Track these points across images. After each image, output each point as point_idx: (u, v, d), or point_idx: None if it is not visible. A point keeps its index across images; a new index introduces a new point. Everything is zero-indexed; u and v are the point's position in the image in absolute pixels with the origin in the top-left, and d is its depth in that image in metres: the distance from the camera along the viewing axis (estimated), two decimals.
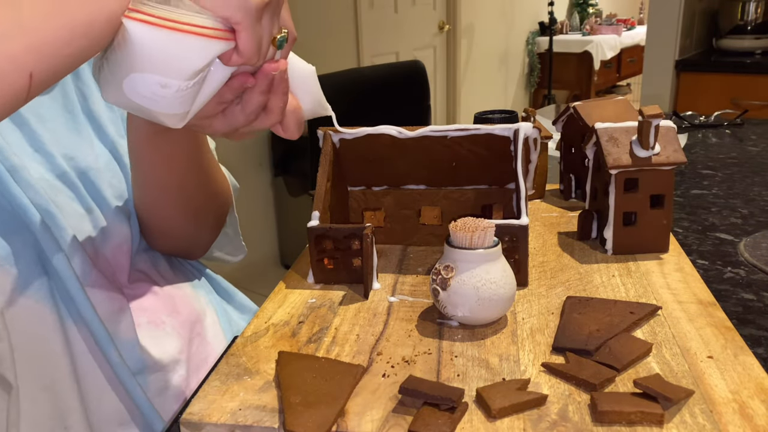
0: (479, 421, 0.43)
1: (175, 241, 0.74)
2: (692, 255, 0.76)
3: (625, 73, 5.66)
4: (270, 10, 0.44)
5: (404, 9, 3.48)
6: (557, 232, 0.76)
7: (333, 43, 3.00)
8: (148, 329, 0.66)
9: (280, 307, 0.61)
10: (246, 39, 0.43)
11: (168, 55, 0.42)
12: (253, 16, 0.43)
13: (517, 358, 0.50)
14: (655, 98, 2.53)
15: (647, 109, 0.64)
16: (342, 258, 0.64)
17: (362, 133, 0.69)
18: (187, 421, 0.45)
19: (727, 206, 0.94)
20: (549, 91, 4.76)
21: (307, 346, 0.54)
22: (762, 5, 2.57)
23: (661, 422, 0.41)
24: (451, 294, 0.53)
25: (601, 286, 0.61)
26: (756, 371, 0.47)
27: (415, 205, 0.73)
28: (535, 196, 0.87)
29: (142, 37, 0.41)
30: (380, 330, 0.55)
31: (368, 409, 0.44)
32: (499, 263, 0.53)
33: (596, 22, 5.42)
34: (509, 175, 0.69)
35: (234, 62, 0.45)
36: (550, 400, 0.44)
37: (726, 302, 0.65)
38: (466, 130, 0.67)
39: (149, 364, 0.64)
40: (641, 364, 0.48)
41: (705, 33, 2.76)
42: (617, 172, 0.65)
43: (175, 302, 0.70)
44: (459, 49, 3.99)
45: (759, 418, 0.42)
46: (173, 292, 0.71)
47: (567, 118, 0.85)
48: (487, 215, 0.72)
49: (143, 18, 0.41)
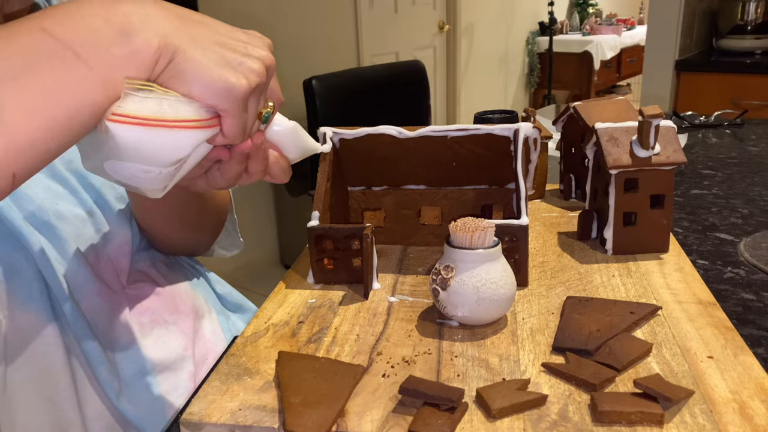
0: (479, 421, 0.43)
1: (176, 247, 0.75)
2: (692, 255, 0.76)
3: (625, 73, 5.66)
4: (257, 92, 0.44)
5: (404, 9, 3.48)
6: (557, 232, 0.76)
7: (333, 43, 3.00)
8: (151, 329, 0.66)
9: (280, 307, 0.61)
10: (231, 125, 0.44)
11: (152, 149, 0.42)
12: (240, 104, 0.43)
13: (517, 358, 0.50)
14: (655, 98, 2.53)
15: (647, 109, 0.64)
16: (342, 258, 0.64)
17: (362, 133, 0.69)
18: (187, 421, 0.45)
19: (727, 206, 0.94)
20: (549, 91, 4.76)
21: (307, 346, 0.54)
22: (762, 5, 2.57)
23: (661, 422, 0.41)
24: (451, 294, 0.53)
25: (601, 286, 0.61)
26: (756, 371, 0.47)
27: (415, 205, 0.73)
28: (535, 196, 0.87)
29: (126, 136, 0.40)
30: (380, 330, 0.55)
31: (368, 409, 0.44)
32: (499, 263, 0.53)
33: (596, 22, 5.42)
34: (509, 175, 0.69)
35: (218, 143, 0.45)
36: (550, 400, 0.44)
37: (726, 302, 0.65)
38: (466, 130, 0.67)
39: (157, 365, 0.64)
40: (641, 364, 0.48)
41: (705, 33, 2.76)
42: (617, 172, 0.65)
43: (176, 300, 0.70)
44: (459, 49, 3.99)
45: (759, 418, 0.42)
46: (173, 290, 0.71)
47: (567, 118, 0.85)
48: (487, 215, 0.72)
49: (128, 120, 0.40)
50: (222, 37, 0.43)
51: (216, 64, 0.41)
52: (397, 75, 2.42)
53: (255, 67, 0.43)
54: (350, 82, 2.25)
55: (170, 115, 0.41)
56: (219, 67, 0.41)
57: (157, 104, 0.41)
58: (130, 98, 0.40)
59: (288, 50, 2.67)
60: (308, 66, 2.59)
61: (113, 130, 0.40)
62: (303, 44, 2.77)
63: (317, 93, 2.08)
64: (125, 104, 0.40)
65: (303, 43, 2.77)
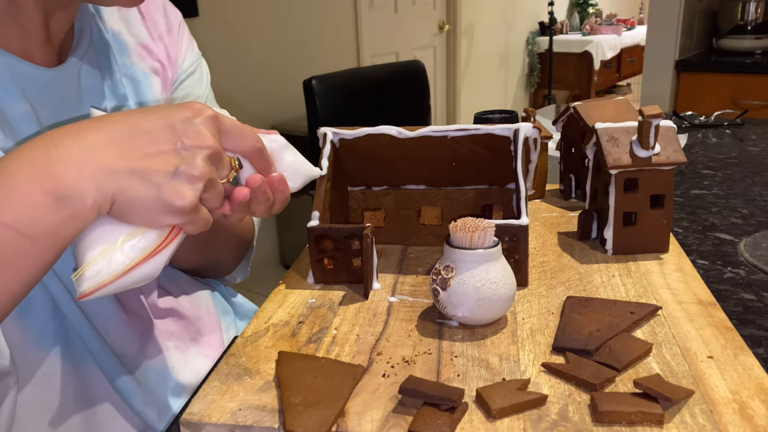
0: (479, 421, 0.43)
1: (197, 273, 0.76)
2: (692, 255, 0.76)
3: (625, 73, 5.66)
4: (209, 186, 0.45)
5: (404, 9, 3.48)
6: (557, 232, 0.76)
7: (333, 43, 3.00)
8: (176, 355, 0.67)
9: (280, 307, 0.61)
10: (193, 228, 0.45)
11: (130, 284, 0.45)
12: (191, 213, 0.44)
13: (517, 358, 0.50)
14: (655, 98, 2.53)
15: (647, 109, 0.64)
16: (342, 258, 0.64)
17: (362, 133, 0.69)
18: (187, 422, 0.45)
19: (727, 206, 0.94)
20: (549, 91, 4.76)
21: (307, 346, 0.54)
22: (762, 5, 2.57)
23: (661, 422, 0.41)
24: (451, 294, 0.53)
25: (601, 286, 0.61)
26: (756, 371, 0.47)
27: (415, 205, 0.73)
28: (535, 196, 0.87)
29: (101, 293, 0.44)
30: (380, 330, 0.55)
31: (368, 409, 0.44)
32: (499, 263, 0.53)
33: (596, 22, 5.42)
34: (509, 175, 0.69)
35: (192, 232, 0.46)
36: (550, 401, 0.44)
37: (726, 302, 0.65)
38: (466, 130, 0.67)
39: (184, 385, 0.66)
40: (641, 364, 0.48)
41: (705, 33, 2.76)
42: (617, 172, 0.65)
43: (197, 325, 0.72)
44: (459, 49, 3.99)
45: (759, 418, 0.42)
46: (196, 312, 0.73)
47: (567, 118, 0.85)
48: (487, 215, 0.72)
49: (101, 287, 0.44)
50: (155, 146, 0.43)
51: (156, 190, 0.42)
52: (397, 75, 2.41)
53: (196, 173, 0.43)
54: (350, 82, 2.24)
55: (137, 256, 0.44)
56: (159, 191, 0.42)
57: (122, 254, 0.44)
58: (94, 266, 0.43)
59: (288, 50, 2.67)
60: (308, 66, 2.60)
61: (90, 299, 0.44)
62: (303, 44, 2.77)
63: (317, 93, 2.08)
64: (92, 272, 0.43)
65: (303, 43, 2.77)
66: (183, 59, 0.72)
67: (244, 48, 2.52)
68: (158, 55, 0.69)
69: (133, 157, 0.42)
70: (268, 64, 2.61)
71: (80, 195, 0.41)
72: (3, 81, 0.54)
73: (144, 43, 0.68)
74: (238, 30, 2.50)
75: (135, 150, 0.42)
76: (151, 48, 0.68)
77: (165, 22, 0.71)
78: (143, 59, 0.67)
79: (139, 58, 0.67)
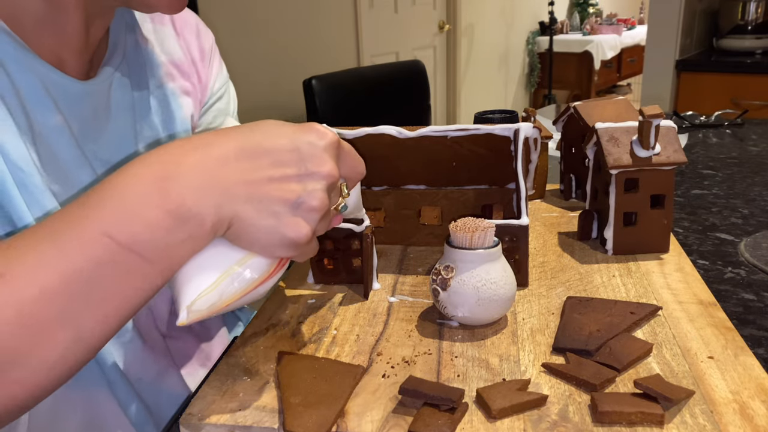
0: (479, 421, 0.43)
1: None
2: (692, 255, 0.76)
3: (625, 73, 5.66)
4: (324, 217, 0.43)
5: (404, 9, 3.48)
6: (557, 232, 0.76)
7: (333, 43, 3.00)
8: (189, 381, 0.67)
9: (280, 307, 0.61)
10: (300, 258, 0.45)
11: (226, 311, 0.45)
12: (304, 246, 0.43)
13: (517, 359, 0.50)
14: (655, 98, 2.53)
15: (647, 109, 0.64)
16: (342, 258, 0.64)
17: (362, 133, 0.69)
18: (187, 422, 0.45)
19: (727, 206, 0.94)
20: (549, 91, 4.76)
21: (307, 346, 0.54)
22: (762, 5, 2.57)
23: (662, 423, 0.41)
24: (451, 294, 0.53)
25: (602, 287, 0.61)
26: (756, 371, 0.46)
27: (415, 205, 0.73)
28: (535, 196, 0.87)
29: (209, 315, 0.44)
30: (380, 330, 0.55)
31: (368, 410, 0.44)
32: (500, 263, 0.53)
33: (596, 21, 5.42)
34: (509, 175, 0.69)
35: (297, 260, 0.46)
36: (551, 401, 0.44)
37: (726, 302, 0.65)
38: (466, 130, 0.67)
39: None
40: (642, 365, 0.48)
41: (705, 33, 2.76)
42: (617, 172, 0.65)
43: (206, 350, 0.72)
44: (459, 49, 3.99)
45: (759, 418, 0.42)
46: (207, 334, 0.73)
47: (567, 118, 0.85)
48: (487, 215, 0.72)
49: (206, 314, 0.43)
50: (276, 170, 0.41)
51: (275, 221, 0.41)
52: (397, 75, 2.41)
53: (315, 204, 0.41)
54: (350, 82, 2.24)
55: (246, 287, 0.43)
56: (278, 222, 0.41)
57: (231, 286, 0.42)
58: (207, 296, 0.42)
59: (288, 50, 2.67)
60: (308, 66, 2.59)
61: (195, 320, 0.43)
62: (303, 44, 2.77)
63: (317, 93, 2.07)
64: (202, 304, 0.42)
65: (303, 43, 2.77)
66: (213, 82, 0.72)
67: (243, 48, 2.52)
68: (190, 75, 0.68)
69: (255, 182, 0.40)
70: (268, 64, 2.61)
71: (200, 217, 0.39)
72: (35, 91, 0.51)
73: (176, 62, 0.67)
74: (238, 30, 2.50)
75: (257, 173, 0.40)
76: (183, 68, 0.68)
77: (198, 43, 0.70)
78: (174, 79, 0.66)
79: (169, 77, 0.66)
